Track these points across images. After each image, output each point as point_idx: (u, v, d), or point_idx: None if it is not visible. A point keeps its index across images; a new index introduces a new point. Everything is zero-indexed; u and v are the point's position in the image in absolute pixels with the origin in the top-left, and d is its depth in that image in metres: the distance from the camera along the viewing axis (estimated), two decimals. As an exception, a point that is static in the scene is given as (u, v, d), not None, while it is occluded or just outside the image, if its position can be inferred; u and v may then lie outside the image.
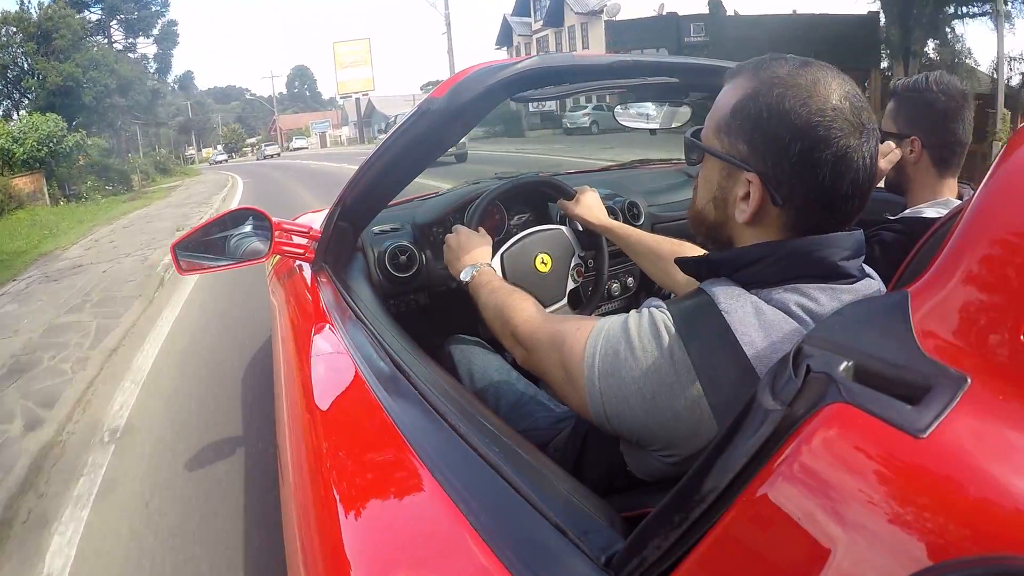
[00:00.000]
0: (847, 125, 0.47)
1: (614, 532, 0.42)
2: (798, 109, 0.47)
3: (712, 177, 0.55)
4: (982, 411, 0.25)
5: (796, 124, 0.47)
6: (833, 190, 0.48)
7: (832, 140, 0.47)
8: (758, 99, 0.49)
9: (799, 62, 0.50)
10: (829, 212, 0.50)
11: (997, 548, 0.22)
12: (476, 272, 0.88)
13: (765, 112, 0.49)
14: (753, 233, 0.53)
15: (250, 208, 1.19)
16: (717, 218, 0.55)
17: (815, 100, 0.47)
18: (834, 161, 0.47)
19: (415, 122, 0.81)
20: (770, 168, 0.49)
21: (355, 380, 0.73)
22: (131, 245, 5.86)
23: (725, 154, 0.52)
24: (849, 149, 0.47)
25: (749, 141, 0.50)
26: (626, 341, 0.53)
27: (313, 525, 0.57)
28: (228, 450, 1.84)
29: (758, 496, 0.29)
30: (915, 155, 1.02)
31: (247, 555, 1.38)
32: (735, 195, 0.52)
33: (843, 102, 0.48)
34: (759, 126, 0.49)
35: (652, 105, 1.30)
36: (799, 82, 0.48)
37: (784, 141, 0.48)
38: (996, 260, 0.30)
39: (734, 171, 0.52)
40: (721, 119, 0.53)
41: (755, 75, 0.51)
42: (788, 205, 0.50)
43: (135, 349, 2.88)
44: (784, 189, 0.49)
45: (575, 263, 1.20)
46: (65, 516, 1.64)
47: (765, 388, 0.32)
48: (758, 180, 0.50)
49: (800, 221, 0.51)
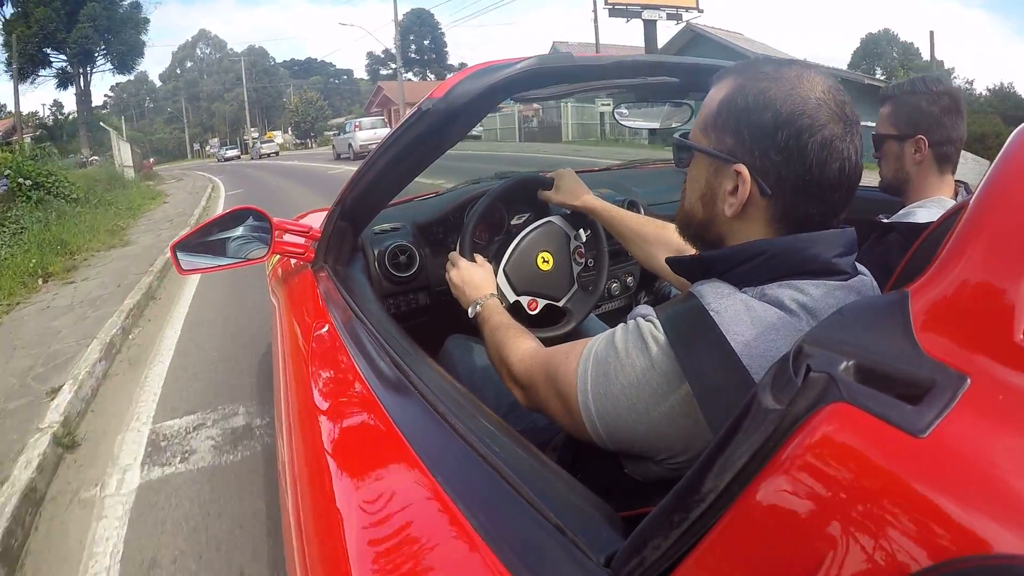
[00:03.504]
0: (832, 115, 0.48)
1: (614, 532, 0.42)
2: (783, 98, 0.48)
3: (700, 175, 0.55)
4: (982, 411, 0.25)
5: (782, 112, 0.48)
6: (821, 178, 0.49)
7: (817, 127, 0.47)
8: (744, 92, 0.50)
9: (784, 61, 0.52)
10: (818, 202, 0.50)
11: (997, 548, 0.22)
12: (480, 308, 0.89)
13: (752, 103, 0.49)
14: (742, 227, 0.53)
15: (250, 208, 1.19)
16: (705, 215, 0.56)
17: (800, 91, 0.48)
18: (820, 148, 0.48)
19: (415, 122, 0.81)
20: (757, 157, 0.50)
21: (355, 380, 0.73)
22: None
23: (712, 149, 0.53)
24: (835, 138, 0.48)
25: (736, 133, 0.51)
26: (615, 358, 0.53)
27: (313, 525, 0.57)
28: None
29: (758, 496, 0.29)
30: (920, 155, 1.02)
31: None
32: (723, 190, 0.53)
33: (827, 94, 0.49)
34: (744, 117, 0.50)
35: (652, 105, 1.30)
36: (784, 75, 0.49)
37: (770, 129, 0.48)
38: (996, 260, 0.30)
39: (721, 166, 0.53)
40: (708, 116, 0.54)
41: (741, 74, 0.52)
42: (776, 195, 0.50)
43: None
44: (772, 178, 0.50)
45: (574, 246, 1.19)
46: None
47: (765, 388, 0.32)
48: (746, 171, 0.50)
49: (789, 212, 0.51)
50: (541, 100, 0.85)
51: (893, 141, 1.05)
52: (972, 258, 0.31)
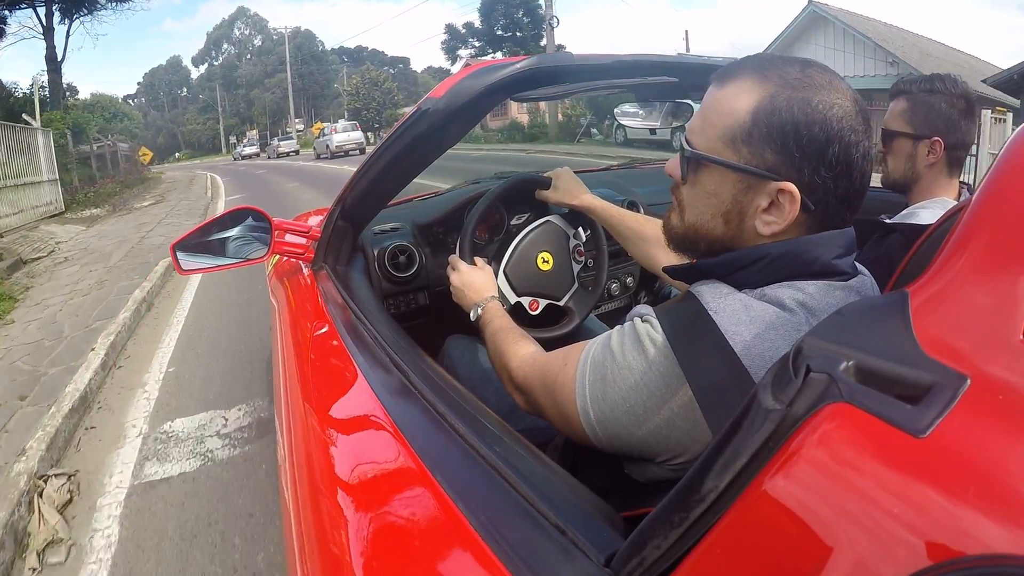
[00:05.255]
0: (862, 123, 0.47)
1: (614, 532, 0.42)
2: (828, 110, 0.45)
3: (721, 191, 0.50)
4: (982, 411, 0.25)
5: (832, 126, 0.45)
6: (860, 187, 0.48)
7: (859, 139, 0.46)
8: (786, 103, 0.46)
9: (802, 61, 0.48)
10: (853, 209, 0.50)
11: (997, 548, 0.22)
12: (481, 311, 0.89)
13: (800, 116, 0.45)
14: (770, 241, 0.50)
15: (250, 208, 1.19)
16: (728, 232, 0.51)
17: (840, 100, 0.46)
18: (863, 160, 0.47)
19: (414, 122, 0.81)
20: (807, 175, 0.46)
21: (355, 380, 0.73)
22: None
23: (747, 166, 0.48)
24: (867, 148, 0.47)
25: (781, 149, 0.46)
26: (612, 361, 0.53)
27: (313, 525, 0.57)
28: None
29: (758, 496, 0.29)
30: (934, 156, 0.99)
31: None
32: (755, 206, 0.49)
33: (855, 102, 0.47)
34: (792, 131, 0.46)
35: (653, 104, 1.29)
36: (816, 82, 0.46)
37: (822, 145, 0.45)
38: (996, 259, 0.30)
39: (756, 182, 0.48)
40: (735, 128, 0.48)
41: (764, 76, 0.47)
42: (819, 209, 0.48)
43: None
44: (819, 193, 0.47)
45: (573, 245, 1.19)
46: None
47: (765, 388, 0.32)
48: (795, 189, 0.46)
49: (825, 222, 0.49)
50: (541, 100, 0.85)
51: (906, 139, 1.02)
52: (972, 258, 0.31)
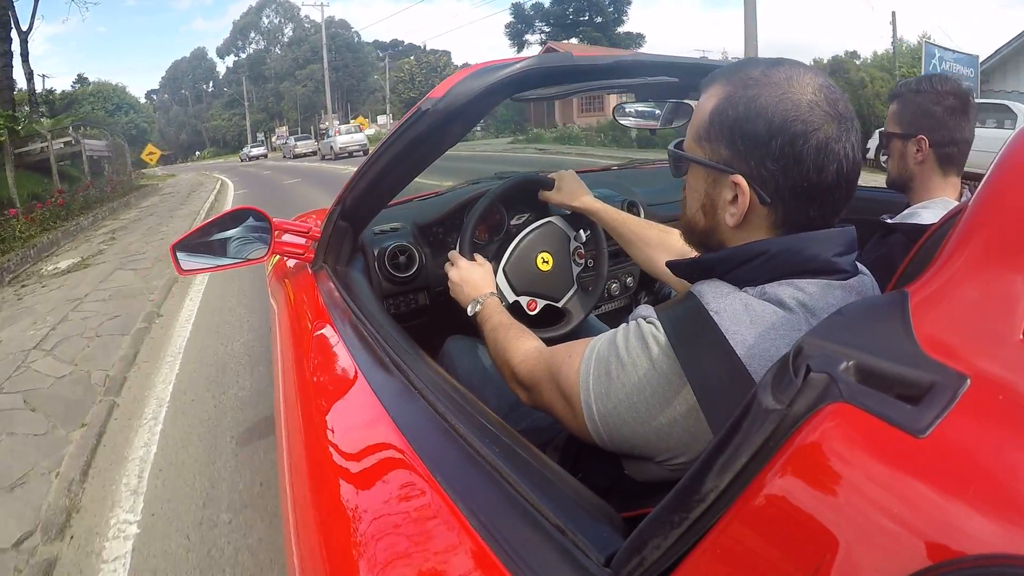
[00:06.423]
0: (825, 116, 0.47)
1: (614, 532, 0.42)
2: (774, 105, 0.48)
3: (698, 185, 0.55)
4: (982, 411, 0.25)
5: (774, 120, 0.47)
6: (819, 182, 0.48)
7: (811, 132, 0.47)
8: (734, 101, 0.49)
9: (771, 62, 0.51)
10: (818, 205, 0.50)
11: (997, 548, 0.22)
12: (480, 307, 0.89)
13: (743, 112, 0.49)
14: (744, 235, 0.53)
15: (250, 208, 1.19)
16: (707, 225, 0.55)
17: (790, 95, 0.48)
18: (816, 152, 0.47)
19: (415, 122, 0.81)
20: (753, 167, 0.49)
21: (355, 380, 0.73)
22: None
23: (708, 160, 0.52)
24: (830, 140, 0.47)
25: (730, 144, 0.50)
26: (616, 358, 0.53)
27: (313, 525, 0.57)
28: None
29: (758, 496, 0.29)
30: (921, 154, 1.02)
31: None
32: (723, 200, 0.52)
33: (818, 94, 0.48)
34: (737, 127, 0.49)
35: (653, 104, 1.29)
36: (772, 80, 0.49)
37: (764, 138, 0.48)
38: (996, 259, 0.30)
39: (719, 176, 0.52)
40: (700, 127, 0.53)
41: (728, 80, 0.51)
42: (776, 202, 0.50)
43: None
44: (770, 187, 0.49)
45: (574, 247, 1.19)
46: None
47: (765, 388, 0.32)
48: (743, 181, 0.50)
49: (789, 217, 0.51)
50: (541, 100, 0.85)
51: (898, 139, 1.06)
52: (972, 258, 0.31)
